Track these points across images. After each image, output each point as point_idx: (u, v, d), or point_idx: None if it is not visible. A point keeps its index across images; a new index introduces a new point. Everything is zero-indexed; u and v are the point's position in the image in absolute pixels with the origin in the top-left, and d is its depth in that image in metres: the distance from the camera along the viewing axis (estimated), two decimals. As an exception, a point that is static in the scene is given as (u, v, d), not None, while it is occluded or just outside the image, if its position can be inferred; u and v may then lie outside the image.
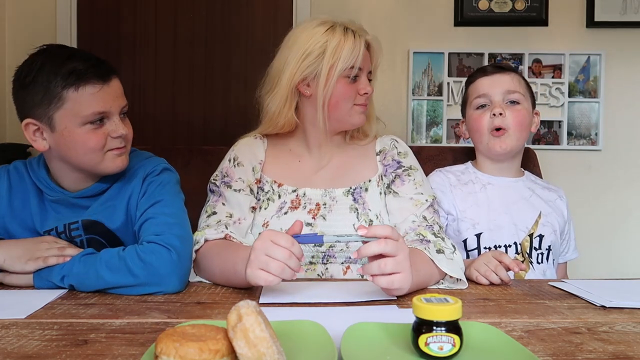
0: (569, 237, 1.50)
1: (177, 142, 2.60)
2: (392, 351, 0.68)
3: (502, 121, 1.39)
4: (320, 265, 1.21)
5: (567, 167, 2.52)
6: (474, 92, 1.46)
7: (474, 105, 1.45)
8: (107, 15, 2.61)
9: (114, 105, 1.07)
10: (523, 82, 1.46)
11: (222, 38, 2.63)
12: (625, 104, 2.53)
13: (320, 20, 1.24)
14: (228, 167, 1.29)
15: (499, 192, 1.43)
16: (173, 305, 0.90)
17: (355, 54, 1.20)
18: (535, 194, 1.45)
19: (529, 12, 2.52)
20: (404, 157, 1.31)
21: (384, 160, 1.31)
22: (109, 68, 1.07)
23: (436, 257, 1.06)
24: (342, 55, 1.19)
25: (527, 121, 1.43)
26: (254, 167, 1.28)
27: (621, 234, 2.52)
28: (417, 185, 1.26)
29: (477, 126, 1.43)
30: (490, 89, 1.42)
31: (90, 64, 1.04)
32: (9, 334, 0.74)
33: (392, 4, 2.55)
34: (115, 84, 1.08)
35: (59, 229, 1.12)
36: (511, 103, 1.41)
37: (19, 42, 2.58)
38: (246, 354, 0.55)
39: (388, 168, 1.29)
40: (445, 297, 0.68)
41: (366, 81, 1.25)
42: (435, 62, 2.54)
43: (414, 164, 1.31)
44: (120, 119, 1.08)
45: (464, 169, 1.50)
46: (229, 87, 2.63)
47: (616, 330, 0.78)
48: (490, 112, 1.40)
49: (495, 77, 1.43)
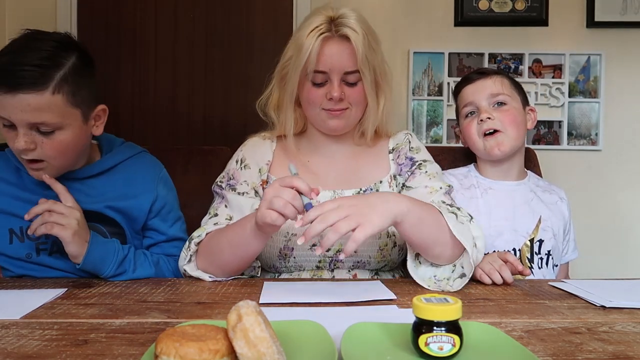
0: (569, 237, 1.50)
1: (177, 142, 2.60)
2: (392, 351, 0.68)
3: (491, 124, 1.39)
4: (327, 272, 1.21)
5: (567, 167, 2.52)
6: (462, 102, 1.48)
7: (463, 114, 1.48)
8: (107, 15, 2.61)
9: (16, 118, 1.01)
10: (507, 82, 1.46)
11: (222, 38, 2.63)
12: (625, 104, 2.53)
13: (315, 14, 1.16)
14: (235, 169, 1.27)
15: (500, 197, 1.42)
16: (173, 305, 0.90)
17: (302, 57, 1.12)
18: (537, 197, 1.45)
19: (529, 12, 2.51)
20: (416, 152, 1.28)
21: (397, 159, 1.28)
22: (29, 82, 0.99)
23: (445, 213, 1.04)
24: (293, 58, 1.15)
25: (520, 119, 1.43)
26: (261, 169, 1.26)
27: (621, 234, 2.52)
28: (430, 176, 1.23)
29: (468, 134, 1.45)
30: (474, 95, 1.44)
31: (17, 68, 0.99)
32: (9, 334, 0.74)
33: (392, 4, 2.55)
34: (25, 99, 0.99)
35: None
36: (498, 105, 1.42)
37: (19, 42, 2.57)
38: (246, 354, 0.55)
39: (402, 167, 1.26)
40: (445, 297, 0.68)
41: (334, 85, 1.15)
42: (435, 62, 2.53)
43: (427, 158, 1.28)
44: (25, 133, 1.02)
45: (467, 172, 1.50)
46: (229, 87, 2.63)
47: (616, 330, 0.78)
48: (478, 118, 1.42)
49: (478, 83, 1.45)
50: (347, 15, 1.13)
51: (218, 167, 1.34)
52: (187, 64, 2.64)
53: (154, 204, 1.22)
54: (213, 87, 2.64)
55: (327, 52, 1.12)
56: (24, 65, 1.00)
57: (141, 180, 1.23)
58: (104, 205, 1.17)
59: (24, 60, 1.01)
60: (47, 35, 1.07)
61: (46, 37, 1.06)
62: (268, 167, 1.26)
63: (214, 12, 2.64)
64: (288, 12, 2.59)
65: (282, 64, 1.21)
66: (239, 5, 2.62)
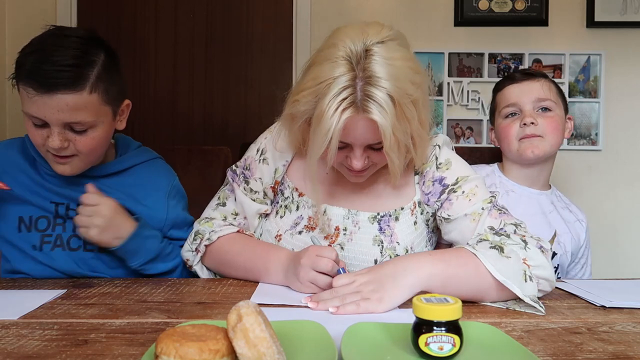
0: (587, 262, 1.46)
1: (177, 142, 2.60)
2: (392, 351, 0.68)
3: (534, 129, 1.35)
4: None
5: (567, 167, 2.52)
6: (503, 101, 1.42)
7: (503, 114, 1.42)
8: (107, 15, 2.61)
9: (51, 118, 1.02)
10: (554, 88, 1.42)
11: (222, 38, 2.63)
12: (625, 104, 2.53)
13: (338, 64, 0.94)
14: (253, 158, 1.19)
15: (520, 201, 1.38)
16: (173, 305, 0.90)
17: (323, 137, 0.93)
18: (556, 211, 1.42)
19: (529, 12, 2.51)
20: (446, 168, 1.10)
21: (423, 186, 1.12)
22: (67, 82, 0.99)
23: (484, 254, 0.90)
24: (313, 127, 0.96)
25: (561, 127, 1.40)
26: (277, 169, 1.17)
27: (621, 234, 2.52)
28: (469, 196, 1.06)
29: (505, 134, 1.40)
30: (519, 97, 1.39)
31: (51, 68, 0.98)
32: (9, 334, 0.74)
33: (392, 4, 2.55)
34: (63, 99, 0.99)
35: (71, 206, 1.14)
36: (543, 110, 1.38)
37: (19, 41, 2.57)
38: (246, 354, 0.55)
39: (430, 196, 1.10)
40: (446, 297, 0.68)
41: (356, 155, 1.00)
42: (435, 62, 2.54)
43: (459, 174, 1.09)
44: (60, 132, 1.03)
45: (490, 172, 1.46)
46: (228, 87, 2.63)
47: (616, 330, 0.78)
48: (521, 122, 1.37)
49: (524, 84, 1.40)
50: (375, 80, 0.92)
51: (218, 167, 1.34)
52: (187, 64, 2.64)
53: (165, 220, 1.22)
54: (213, 87, 2.64)
55: (351, 127, 0.95)
56: (58, 65, 0.99)
57: (152, 188, 1.22)
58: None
59: (56, 59, 1.00)
60: (73, 32, 1.07)
61: (72, 33, 1.06)
62: (285, 169, 1.18)
63: (214, 12, 2.64)
64: (288, 12, 2.59)
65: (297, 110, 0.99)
66: (239, 5, 2.63)
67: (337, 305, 0.86)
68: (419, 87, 0.97)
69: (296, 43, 2.57)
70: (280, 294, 0.98)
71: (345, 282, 0.91)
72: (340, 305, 0.86)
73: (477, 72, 2.53)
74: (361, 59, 0.93)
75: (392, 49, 0.95)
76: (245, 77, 2.59)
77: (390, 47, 0.95)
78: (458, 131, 2.56)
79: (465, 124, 2.56)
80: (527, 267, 0.90)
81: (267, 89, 2.59)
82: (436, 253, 0.96)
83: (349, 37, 0.95)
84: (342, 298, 0.88)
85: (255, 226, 1.19)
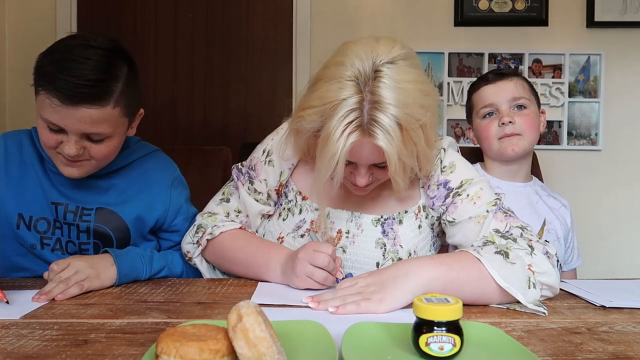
0: (572, 245, 1.50)
1: (177, 142, 2.60)
2: (393, 351, 0.68)
3: (512, 128, 1.39)
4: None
5: (567, 167, 2.52)
6: (480, 102, 1.46)
7: (481, 114, 1.45)
8: (107, 15, 2.62)
9: (72, 128, 1.02)
10: (527, 85, 1.46)
11: (222, 38, 2.63)
12: (625, 104, 2.53)
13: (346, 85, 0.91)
14: (259, 159, 1.18)
15: (507, 196, 1.41)
16: (173, 305, 0.90)
17: (330, 159, 0.91)
18: (542, 200, 1.45)
19: (529, 12, 2.52)
20: (450, 171, 1.09)
21: (428, 190, 1.11)
22: (93, 97, 0.99)
23: (486, 257, 0.89)
24: (320, 146, 0.94)
25: (537, 123, 1.44)
26: (283, 172, 1.16)
27: (621, 234, 2.52)
28: (474, 199, 1.05)
29: (486, 135, 1.44)
30: (495, 97, 1.42)
31: (77, 82, 0.98)
32: (9, 334, 0.74)
33: (392, 3, 2.55)
34: (87, 112, 1.00)
35: (69, 208, 1.14)
36: (518, 108, 1.42)
37: (19, 42, 2.58)
38: (246, 354, 0.55)
39: (435, 200, 1.10)
40: (446, 297, 0.68)
41: (361, 173, 0.99)
42: (435, 62, 2.54)
43: (464, 176, 1.08)
44: (77, 140, 1.04)
45: None
46: (229, 88, 2.63)
47: (616, 330, 0.78)
48: (499, 121, 1.41)
49: (499, 84, 1.43)
50: (383, 105, 0.89)
51: (218, 167, 1.34)
52: (187, 64, 2.64)
53: (168, 211, 1.23)
54: (213, 87, 2.64)
55: (357, 149, 0.93)
56: (84, 79, 0.99)
57: (154, 180, 1.23)
58: (116, 203, 1.18)
59: (83, 73, 0.99)
60: (98, 42, 1.05)
61: (97, 44, 1.04)
62: (290, 172, 1.17)
63: (213, 13, 2.64)
64: (288, 12, 2.59)
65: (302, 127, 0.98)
66: (239, 5, 2.63)
67: (337, 305, 0.86)
68: (429, 110, 0.94)
69: (296, 43, 2.57)
70: (280, 294, 0.98)
71: (348, 285, 0.92)
72: (340, 305, 0.86)
73: (477, 72, 2.53)
74: (369, 81, 0.90)
75: (403, 71, 0.92)
76: (245, 77, 2.59)
77: (401, 68, 0.92)
78: (458, 131, 2.56)
79: (465, 124, 2.55)
80: (532, 273, 0.90)
81: (267, 89, 2.60)
82: (438, 257, 0.97)
83: (358, 56, 0.92)
84: (343, 298, 0.88)
85: (257, 225, 1.20)
